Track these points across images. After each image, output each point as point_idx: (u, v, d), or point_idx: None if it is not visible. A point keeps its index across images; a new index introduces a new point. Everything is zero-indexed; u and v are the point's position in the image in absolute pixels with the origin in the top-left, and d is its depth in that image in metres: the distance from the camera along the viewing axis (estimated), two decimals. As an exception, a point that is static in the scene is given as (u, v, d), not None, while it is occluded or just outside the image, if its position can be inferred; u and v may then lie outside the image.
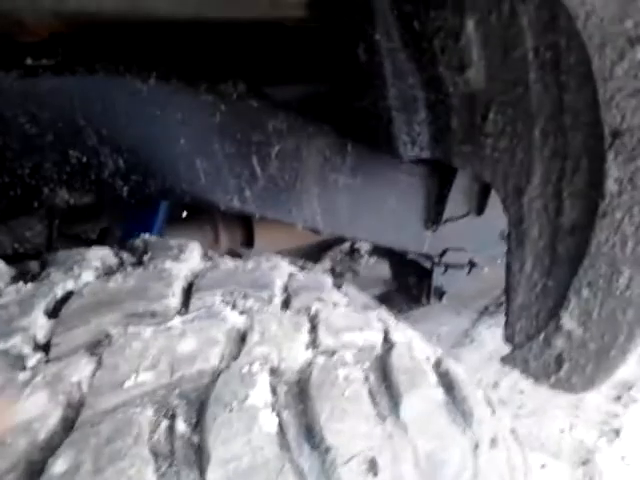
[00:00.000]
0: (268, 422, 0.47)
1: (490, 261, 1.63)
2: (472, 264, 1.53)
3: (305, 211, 1.14)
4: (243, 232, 1.38)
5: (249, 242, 1.38)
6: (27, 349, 0.48)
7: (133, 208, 1.13)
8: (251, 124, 1.00)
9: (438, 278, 1.49)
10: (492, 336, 2.38)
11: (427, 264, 1.51)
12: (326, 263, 2.60)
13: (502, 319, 2.68)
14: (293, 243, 1.50)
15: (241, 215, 1.34)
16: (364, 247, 2.68)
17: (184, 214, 1.39)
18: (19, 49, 0.79)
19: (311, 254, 2.42)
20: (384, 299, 1.60)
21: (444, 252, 1.46)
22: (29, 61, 0.78)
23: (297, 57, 1.11)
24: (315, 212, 1.16)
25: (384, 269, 2.59)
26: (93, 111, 0.84)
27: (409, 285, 1.55)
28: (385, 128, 1.02)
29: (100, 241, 1.14)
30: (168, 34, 0.94)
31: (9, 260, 0.82)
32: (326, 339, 0.58)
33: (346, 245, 2.67)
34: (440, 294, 1.51)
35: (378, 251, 1.71)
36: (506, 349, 2.57)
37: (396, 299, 1.61)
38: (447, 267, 1.49)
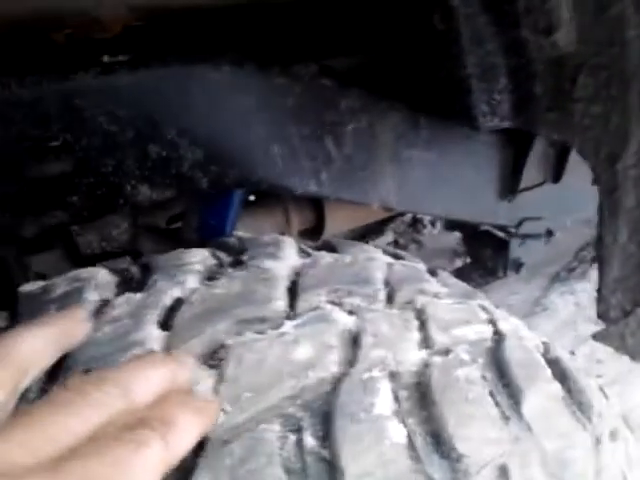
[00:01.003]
0: (397, 433, 0.45)
1: (560, 226, 1.57)
2: (550, 233, 1.47)
3: (380, 190, 1.11)
4: (313, 213, 1.36)
5: (320, 223, 1.35)
6: (145, 364, 0.47)
7: (208, 196, 1.12)
8: (325, 104, 0.97)
9: (515, 249, 1.44)
10: (565, 303, 2.31)
11: (503, 235, 1.46)
12: (389, 235, 2.56)
13: (574, 285, 2.59)
14: (363, 221, 1.47)
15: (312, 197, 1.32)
16: (427, 217, 2.63)
17: (252, 198, 1.37)
18: (95, 46, 0.77)
19: (373, 226, 2.39)
20: (458, 273, 1.56)
21: (521, 222, 1.41)
22: (106, 58, 0.77)
23: (365, 29, 1.06)
24: (390, 190, 1.13)
25: (448, 239, 2.54)
26: (170, 104, 0.82)
27: (484, 258, 1.51)
28: (463, 98, 0.97)
29: (176, 231, 1.14)
30: (237, 18, 0.92)
31: (98, 259, 0.82)
32: (438, 336, 0.56)
33: (408, 216, 2.62)
34: (517, 266, 1.46)
35: (448, 223, 1.66)
36: (581, 316, 2.48)
37: (471, 273, 1.57)
38: (524, 238, 1.43)
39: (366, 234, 2.31)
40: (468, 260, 1.64)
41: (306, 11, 0.97)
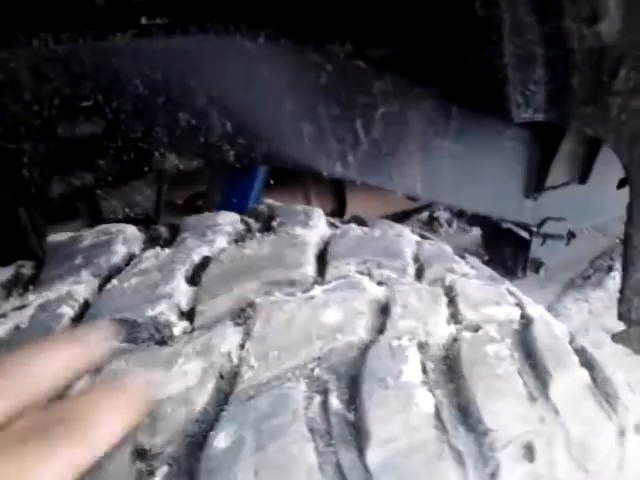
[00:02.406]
0: (424, 401, 0.44)
1: (579, 231, 1.55)
2: (572, 235, 1.45)
3: (406, 177, 1.10)
4: (335, 199, 1.35)
5: (340, 209, 1.35)
6: (173, 317, 0.46)
7: (232, 173, 1.12)
8: (357, 85, 0.96)
9: (536, 249, 1.42)
10: (579, 310, 2.28)
11: (524, 234, 1.44)
12: (404, 231, 2.54)
13: (589, 293, 2.56)
14: (384, 210, 1.46)
15: (333, 181, 1.32)
16: (443, 216, 2.61)
17: (271, 181, 1.36)
18: (134, 8, 0.77)
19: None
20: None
21: (543, 222, 1.39)
22: (144, 20, 0.76)
23: (401, 14, 1.05)
24: (416, 178, 1.12)
25: (464, 239, 2.52)
26: (203, 72, 0.82)
27: (504, 256, 1.49)
28: (498, 88, 0.96)
29: (196, 208, 1.14)
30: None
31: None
32: (468, 313, 0.55)
33: (424, 214, 2.61)
34: (537, 266, 1.44)
35: (471, 218, 1.64)
36: (594, 324, 2.45)
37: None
38: (546, 237, 1.41)
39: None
40: (486, 258, 1.62)
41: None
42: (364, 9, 0.98)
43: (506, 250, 1.48)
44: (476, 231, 2.09)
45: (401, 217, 2.30)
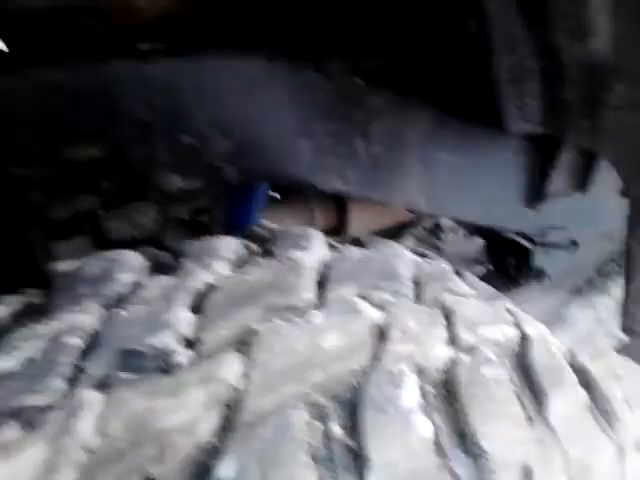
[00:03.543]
0: (423, 426, 0.45)
1: (582, 238, 1.55)
2: (574, 244, 1.45)
3: (406, 191, 1.11)
4: (337, 214, 1.36)
5: (342, 224, 1.35)
6: (175, 345, 0.47)
7: (233, 190, 1.13)
8: (354, 102, 0.97)
9: (538, 258, 1.43)
10: (584, 317, 2.27)
11: (526, 243, 1.45)
12: (408, 240, 2.55)
13: (594, 299, 2.54)
14: (387, 223, 1.47)
15: (335, 196, 1.33)
16: (448, 224, 2.61)
17: (278, 196, 1.37)
18: (132, 34, 0.78)
19: (393, 231, 2.37)
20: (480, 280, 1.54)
21: (545, 231, 1.40)
22: (142, 46, 0.78)
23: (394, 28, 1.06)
24: (416, 192, 1.13)
25: (469, 247, 2.52)
26: (203, 95, 0.83)
27: (507, 266, 1.49)
28: (493, 102, 0.97)
29: (203, 224, 1.14)
30: (271, 12, 0.92)
31: (127, 246, 0.83)
32: (465, 335, 0.55)
33: (429, 222, 2.60)
34: (540, 275, 1.45)
35: (472, 228, 1.65)
36: (600, 331, 2.44)
37: (493, 280, 1.55)
38: (548, 247, 1.42)
39: (386, 238, 2.29)
40: (490, 267, 1.63)
41: (339, 10, 0.97)
42: (359, 26, 1.00)
43: (509, 259, 1.48)
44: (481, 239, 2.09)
45: (406, 226, 2.31)
